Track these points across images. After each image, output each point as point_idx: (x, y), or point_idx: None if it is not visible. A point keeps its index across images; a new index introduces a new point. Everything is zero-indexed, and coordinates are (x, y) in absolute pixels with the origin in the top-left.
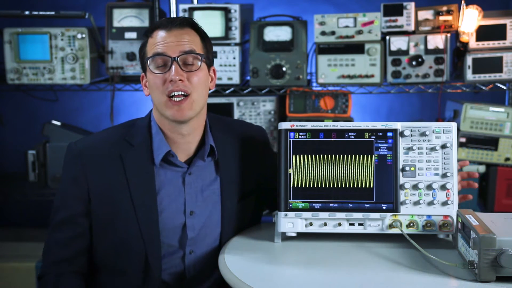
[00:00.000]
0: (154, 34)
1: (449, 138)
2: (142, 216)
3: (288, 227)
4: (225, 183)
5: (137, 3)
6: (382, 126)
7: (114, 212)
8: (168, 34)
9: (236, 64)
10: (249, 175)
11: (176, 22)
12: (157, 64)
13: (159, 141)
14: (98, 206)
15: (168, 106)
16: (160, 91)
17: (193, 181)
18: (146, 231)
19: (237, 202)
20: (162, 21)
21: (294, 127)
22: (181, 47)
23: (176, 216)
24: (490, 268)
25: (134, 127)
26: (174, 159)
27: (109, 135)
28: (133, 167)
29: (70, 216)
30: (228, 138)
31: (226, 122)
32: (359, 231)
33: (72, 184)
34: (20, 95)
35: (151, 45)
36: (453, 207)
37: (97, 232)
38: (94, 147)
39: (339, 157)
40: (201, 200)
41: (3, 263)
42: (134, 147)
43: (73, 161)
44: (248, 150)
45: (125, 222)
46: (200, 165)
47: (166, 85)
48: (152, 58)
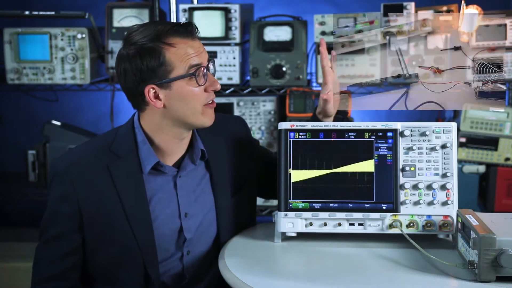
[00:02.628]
0: (176, 42)
1: (449, 138)
2: (136, 226)
3: (288, 227)
4: (217, 182)
5: (137, 3)
6: (382, 126)
7: (108, 225)
8: (195, 43)
9: (236, 64)
10: (237, 169)
11: (191, 28)
12: (199, 75)
13: (146, 150)
14: (91, 221)
15: (205, 113)
16: (199, 101)
17: (184, 183)
18: (141, 240)
19: (230, 198)
20: (177, 28)
21: (294, 127)
22: (206, 55)
23: (172, 221)
24: (490, 268)
25: (117, 136)
26: (163, 168)
27: (93, 147)
28: (122, 178)
29: (61, 233)
30: (215, 138)
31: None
32: (359, 231)
33: (62, 202)
34: (20, 95)
35: (182, 56)
36: (453, 207)
37: (92, 246)
38: (80, 162)
39: (339, 157)
40: (194, 200)
41: (3, 263)
42: (120, 158)
43: (60, 178)
44: (232, 144)
45: (120, 234)
46: (190, 168)
47: (206, 93)
48: (196, 69)
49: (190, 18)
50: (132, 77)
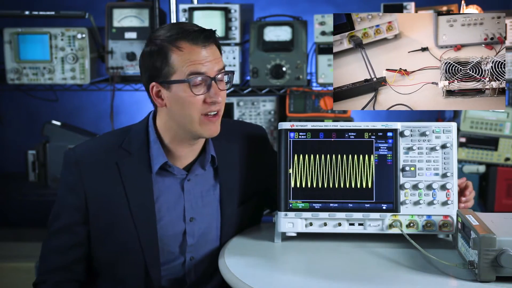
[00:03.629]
0: (184, 47)
1: (449, 138)
2: (140, 224)
3: (288, 227)
4: (225, 190)
5: (137, 3)
6: (382, 126)
7: (112, 220)
8: (204, 51)
9: (236, 64)
10: (249, 179)
11: (205, 35)
12: (196, 83)
13: (157, 149)
14: (95, 214)
15: (202, 124)
16: (196, 110)
17: (192, 187)
18: (144, 239)
19: (236, 208)
20: (188, 32)
21: (294, 127)
22: (217, 65)
23: (176, 223)
24: (490, 268)
25: (130, 133)
26: (171, 168)
27: (106, 142)
28: (130, 175)
29: (67, 224)
30: (228, 144)
31: (225, 126)
32: (359, 231)
33: (69, 193)
34: (20, 95)
35: (185, 61)
36: (453, 207)
37: (95, 241)
38: (91, 154)
39: (339, 157)
40: (201, 206)
41: (3, 263)
42: (131, 154)
43: (70, 169)
44: (248, 153)
45: (123, 231)
46: (200, 173)
47: (205, 104)
48: (194, 78)
49: (190, 18)
50: (144, 73)
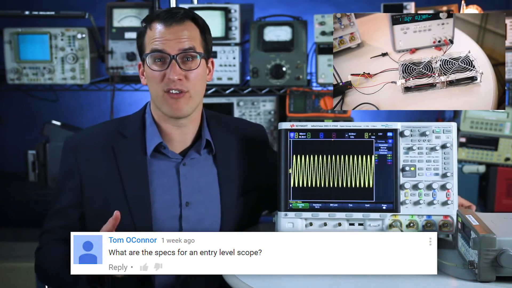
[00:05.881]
0: (153, 26)
1: (449, 138)
2: (134, 206)
3: (288, 227)
4: (224, 179)
5: (137, 3)
6: (382, 126)
7: (106, 203)
8: (167, 30)
9: (236, 64)
10: (248, 173)
11: (177, 17)
12: (155, 60)
13: (152, 131)
14: (90, 198)
15: (165, 100)
16: (156, 85)
17: (188, 172)
18: (138, 222)
19: (236, 199)
20: (162, 13)
21: (294, 127)
22: (180, 44)
23: (171, 207)
24: (490, 268)
25: (128, 119)
26: (166, 150)
27: (104, 127)
28: (125, 158)
29: (62, 207)
30: (227, 136)
31: (225, 120)
32: (359, 231)
33: (66, 177)
34: (20, 95)
35: (150, 39)
36: (453, 207)
37: (90, 224)
38: (88, 140)
39: (339, 157)
40: (197, 191)
41: (3, 263)
42: (126, 138)
43: (68, 154)
44: (247, 149)
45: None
46: (196, 157)
47: (164, 81)
48: (151, 54)
49: None
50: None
